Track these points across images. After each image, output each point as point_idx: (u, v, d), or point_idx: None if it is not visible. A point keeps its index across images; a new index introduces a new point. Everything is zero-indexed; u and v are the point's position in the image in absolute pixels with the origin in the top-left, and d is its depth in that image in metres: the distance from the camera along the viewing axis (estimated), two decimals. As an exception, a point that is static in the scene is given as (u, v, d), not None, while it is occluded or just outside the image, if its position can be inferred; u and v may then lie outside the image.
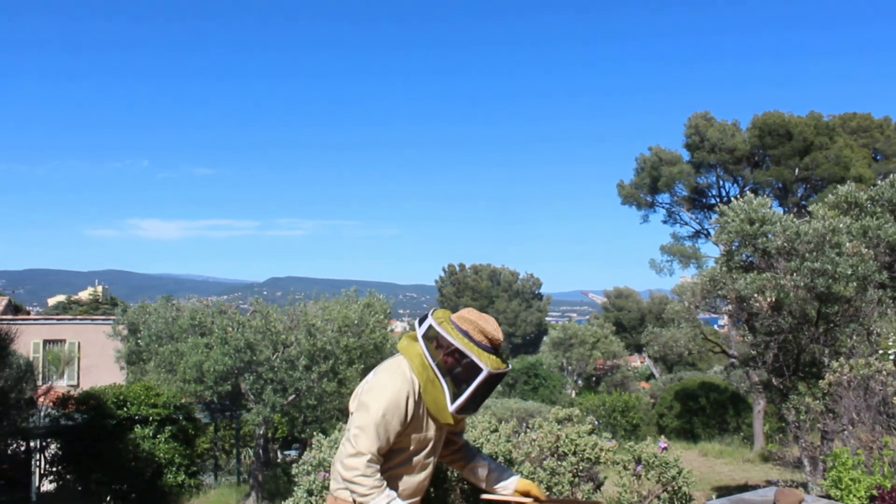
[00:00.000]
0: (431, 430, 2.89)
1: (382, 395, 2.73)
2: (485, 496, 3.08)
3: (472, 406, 2.82)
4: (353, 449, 2.71)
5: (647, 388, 32.36)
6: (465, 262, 46.37)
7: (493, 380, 2.77)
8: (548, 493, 3.71)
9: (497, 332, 2.78)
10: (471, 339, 2.74)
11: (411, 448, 2.87)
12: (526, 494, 3.02)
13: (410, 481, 2.88)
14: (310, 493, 3.43)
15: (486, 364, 2.70)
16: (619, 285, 49.12)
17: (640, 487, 4.17)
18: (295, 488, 3.56)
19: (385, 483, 2.76)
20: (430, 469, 2.96)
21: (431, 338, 2.77)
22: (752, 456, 18.55)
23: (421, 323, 2.84)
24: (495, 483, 3.06)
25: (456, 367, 2.72)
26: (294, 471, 3.69)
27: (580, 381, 33.17)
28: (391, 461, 2.86)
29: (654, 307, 40.54)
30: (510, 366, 2.88)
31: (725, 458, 18.62)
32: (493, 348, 2.76)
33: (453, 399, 2.73)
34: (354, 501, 2.82)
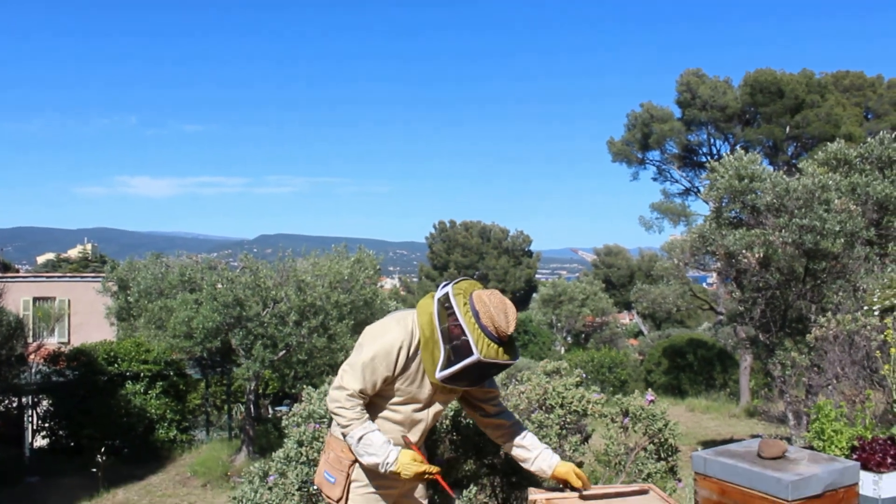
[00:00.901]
0: (426, 388, 2.90)
1: (377, 339, 2.78)
2: (531, 493, 3.09)
3: (459, 382, 2.81)
4: (337, 383, 2.78)
5: (636, 344, 32.65)
6: (455, 219, 46.33)
7: (486, 367, 2.74)
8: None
9: (506, 325, 2.72)
10: (478, 320, 2.70)
11: (396, 399, 2.89)
12: (564, 482, 3.01)
13: (393, 429, 2.90)
14: (300, 443, 3.46)
15: (480, 350, 2.67)
16: (608, 243, 49.32)
17: (627, 440, 4.22)
18: (285, 440, 3.60)
19: (366, 416, 2.79)
20: (421, 426, 2.97)
21: (446, 304, 2.76)
22: (737, 411, 18.83)
23: (444, 286, 2.84)
24: (534, 466, 3.05)
25: (455, 340, 2.71)
26: (284, 422, 3.72)
27: (569, 338, 33.43)
28: (377, 406, 2.90)
29: (644, 265, 40.71)
30: (516, 359, 2.82)
31: (712, 413, 18.89)
32: (498, 338, 2.72)
33: (442, 368, 2.72)
34: (344, 435, 2.87)
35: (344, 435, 2.81)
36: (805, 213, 9.97)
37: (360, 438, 2.77)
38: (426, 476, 2.84)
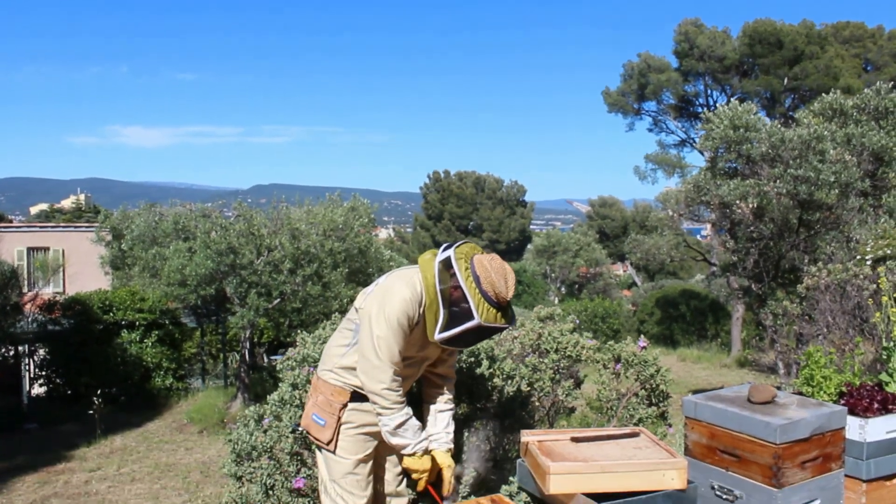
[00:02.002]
0: (425, 346, 2.93)
1: (400, 304, 2.78)
2: (523, 435, 3.14)
3: (457, 344, 2.87)
4: (379, 361, 2.76)
5: (629, 295, 32.85)
6: (450, 170, 46.14)
7: (484, 331, 2.80)
8: (529, 388, 3.79)
9: (505, 291, 2.75)
10: (479, 285, 2.73)
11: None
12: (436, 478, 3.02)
13: None
14: (294, 386, 3.48)
15: (480, 315, 2.71)
16: (603, 194, 49.26)
17: (618, 386, 4.26)
18: (280, 384, 3.63)
19: (405, 400, 2.85)
20: (411, 380, 3.02)
21: (447, 267, 2.78)
22: (728, 361, 19.04)
23: (446, 249, 2.85)
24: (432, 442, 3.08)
25: (456, 304, 2.74)
26: (279, 366, 3.75)
27: (563, 288, 33.60)
28: None
29: (638, 216, 40.77)
30: (513, 324, 2.90)
31: (703, 363, 19.10)
32: (497, 302, 2.75)
33: (441, 330, 2.75)
34: (353, 394, 2.91)
35: (379, 415, 2.83)
36: (800, 163, 9.95)
37: (400, 425, 2.83)
38: (422, 482, 2.94)
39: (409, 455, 2.88)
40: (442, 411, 3.07)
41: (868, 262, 7.63)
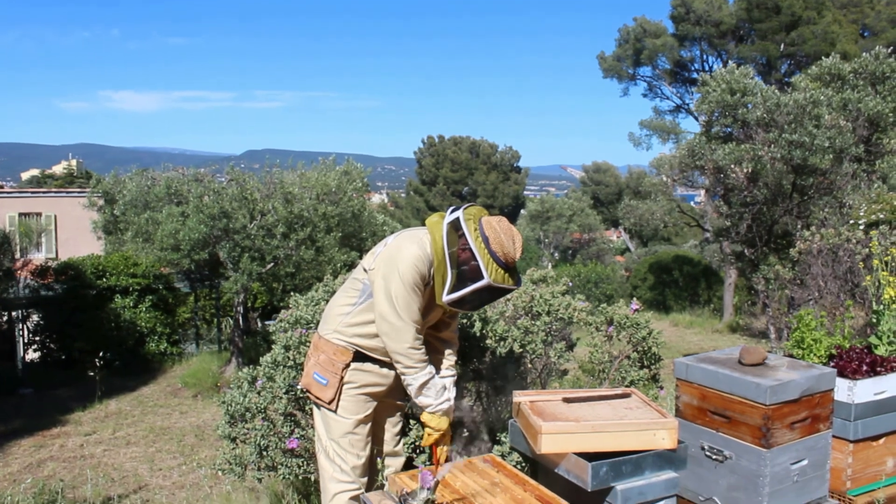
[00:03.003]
0: (430, 308, 2.94)
1: (412, 263, 2.79)
2: (515, 395, 3.16)
3: (464, 306, 2.87)
4: (400, 321, 2.78)
5: (622, 261, 32.94)
6: (444, 135, 45.85)
7: (493, 291, 2.81)
8: (521, 350, 3.80)
9: (513, 251, 2.79)
10: (488, 245, 2.75)
11: None
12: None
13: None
14: (287, 348, 3.49)
15: (490, 274, 2.73)
16: (597, 160, 49.14)
17: (610, 348, 4.28)
18: (273, 345, 3.63)
19: (428, 358, 2.89)
20: None
21: (456, 228, 2.79)
22: (720, 327, 19.14)
23: (454, 211, 2.86)
24: None
25: (464, 265, 2.76)
26: (272, 328, 3.75)
27: (556, 254, 33.66)
28: (372, 324, 2.92)
29: (632, 182, 40.67)
30: (519, 284, 2.92)
31: (695, 328, 19.20)
32: (505, 263, 2.78)
33: (450, 291, 2.77)
34: (356, 354, 2.93)
35: (403, 375, 2.87)
36: (795, 128, 9.93)
37: (424, 384, 2.87)
38: (436, 442, 2.97)
39: (431, 414, 2.92)
40: (443, 377, 3.07)
41: (861, 227, 7.66)
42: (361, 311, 2.91)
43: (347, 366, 2.94)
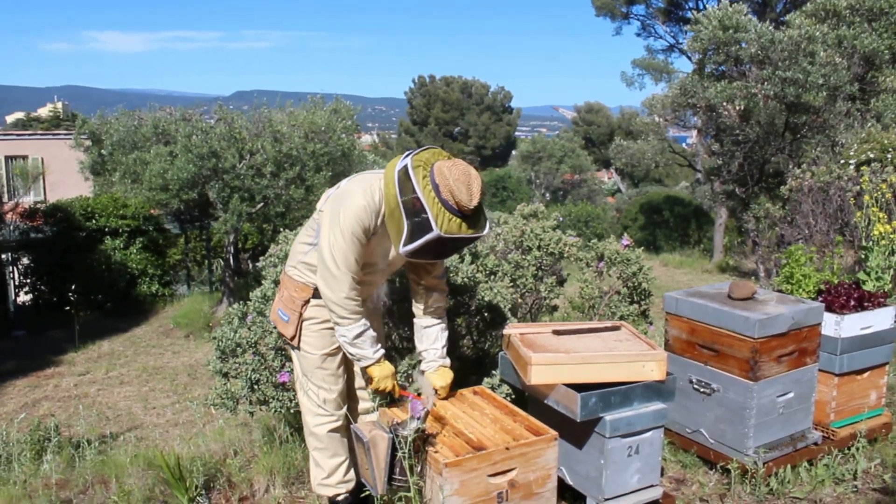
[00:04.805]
0: (389, 255, 2.89)
1: (354, 214, 2.68)
2: (507, 327, 3.15)
3: (425, 256, 2.75)
4: (337, 270, 2.69)
5: (613, 202, 32.95)
6: (435, 75, 45.35)
7: (448, 242, 2.66)
8: (512, 284, 3.81)
9: (468, 198, 2.59)
10: (438, 194, 2.59)
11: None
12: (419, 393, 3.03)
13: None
14: (276, 283, 3.49)
15: (439, 226, 2.57)
16: (590, 100, 48.71)
17: (601, 284, 4.30)
18: (262, 280, 3.63)
19: (362, 311, 2.79)
20: (371, 287, 2.99)
21: (406, 177, 2.64)
22: (710, 267, 19.22)
23: (406, 157, 2.70)
24: (421, 362, 3.08)
25: (416, 216, 2.60)
26: (261, 264, 3.74)
27: (548, 195, 33.62)
28: None
29: (625, 123, 40.42)
30: (482, 232, 2.72)
31: (685, 268, 19.27)
32: (460, 211, 2.60)
33: (405, 243, 2.64)
34: (316, 291, 2.86)
35: (336, 325, 2.78)
36: (789, 65, 9.83)
37: (358, 336, 2.78)
38: (390, 395, 2.92)
39: (369, 367, 2.85)
40: (428, 327, 3.03)
41: (852, 165, 7.65)
42: (316, 251, 2.82)
43: (306, 302, 2.89)
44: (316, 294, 2.88)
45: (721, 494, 3.39)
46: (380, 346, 2.88)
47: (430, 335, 3.03)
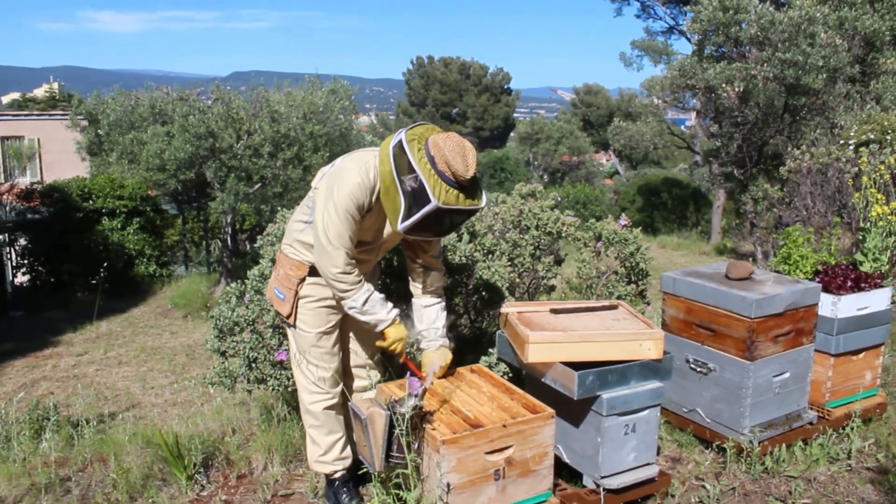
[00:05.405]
0: (384, 233, 2.88)
1: (349, 191, 2.68)
2: (504, 306, 3.15)
3: (423, 233, 2.74)
4: (330, 246, 2.68)
5: (611, 184, 32.91)
6: (433, 56, 45.10)
7: (448, 213, 2.65)
8: (510, 263, 3.81)
9: (464, 168, 2.58)
10: (434, 165, 2.58)
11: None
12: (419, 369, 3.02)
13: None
14: (273, 261, 3.48)
15: (437, 196, 2.56)
16: (588, 82, 48.50)
17: (599, 264, 4.30)
18: (260, 259, 3.62)
19: (363, 278, 2.79)
20: (367, 264, 2.99)
21: (402, 152, 2.63)
22: (708, 249, 19.25)
23: (400, 133, 2.70)
24: (415, 335, 3.09)
25: (413, 190, 2.60)
26: (259, 242, 3.74)
27: (546, 176, 33.57)
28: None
29: (624, 105, 40.29)
30: (481, 203, 2.72)
31: (683, 250, 19.29)
32: (457, 182, 2.60)
33: (403, 219, 2.64)
34: (311, 269, 2.87)
35: (343, 300, 2.78)
36: (789, 46, 9.79)
37: (366, 301, 2.77)
38: (399, 357, 2.91)
39: (386, 328, 2.85)
40: (427, 306, 3.03)
41: (851, 147, 7.64)
42: (312, 229, 2.82)
43: (302, 280, 2.89)
44: (312, 272, 2.88)
45: (717, 473, 3.41)
46: (391, 305, 2.87)
47: (430, 315, 3.03)
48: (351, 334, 3.13)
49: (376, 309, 2.80)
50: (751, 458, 3.37)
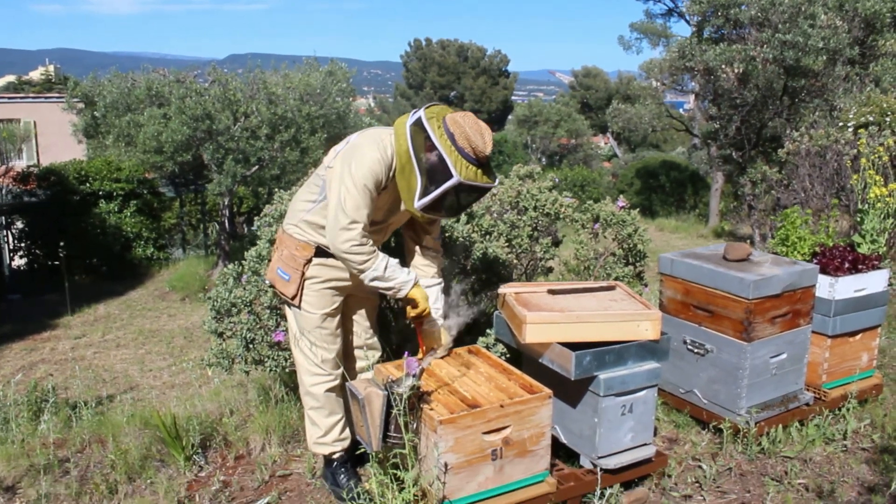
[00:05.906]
0: (394, 213, 2.88)
1: (368, 166, 2.67)
2: (502, 287, 3.18)
3: (439, 211, 2.76)
4: (346, 220, 2.66)
5: (609, 167, 32.84)
6: (431, 38, 44.91)
7: (466, 190, 2.68)
8: (507, 244, 3.80)
9: (483, 145, 2.64)
10: (454, 142, 2.62)
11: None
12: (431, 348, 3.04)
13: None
14: (271, 242, 3.48)
15: (459, 172, 2.60)
16: (587, 65, 48.32)
17: (596, 245, 4.30)
18: (258, 240, 3.62)
19: (376, 248, 2.78)
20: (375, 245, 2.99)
21: (420, 129, 2.66)
22: (705, 232, 19.24)
23: (416, 112, 2.72)
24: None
25: (431, 166, 2.63)
26: (257, 223, 3.73)
27: (544, 159, 33.51)
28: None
29: (622, 87, 40.15)
30: (494, 181, 2.77)
31: (680, 233, 19.29)
32: (476, 159, 2.65)
33: (421, 196, 2.66)
34: (318, 250, 2.86)
35: (361, 273, 2.76)
36: (789, 28, 9.74)
37: (386, 267, 2.76)
38: (421, 316, 2.90)
39: (411, 290, 2.83)
40: (428, 287, 3.03)
41: (850, 129, 7.62)
42: (321, 208, 2.81)
43: (309, 261, 2.88)
44: (318, 253, 2.88)
45: (713, 454, 3.43)
46: (408, 269, 2.88)
47: (430, 296, 3.04)
48: (354, 317, 3.13)
49: (397, 273, 2.80)
50: (747, 439, 3.39)
